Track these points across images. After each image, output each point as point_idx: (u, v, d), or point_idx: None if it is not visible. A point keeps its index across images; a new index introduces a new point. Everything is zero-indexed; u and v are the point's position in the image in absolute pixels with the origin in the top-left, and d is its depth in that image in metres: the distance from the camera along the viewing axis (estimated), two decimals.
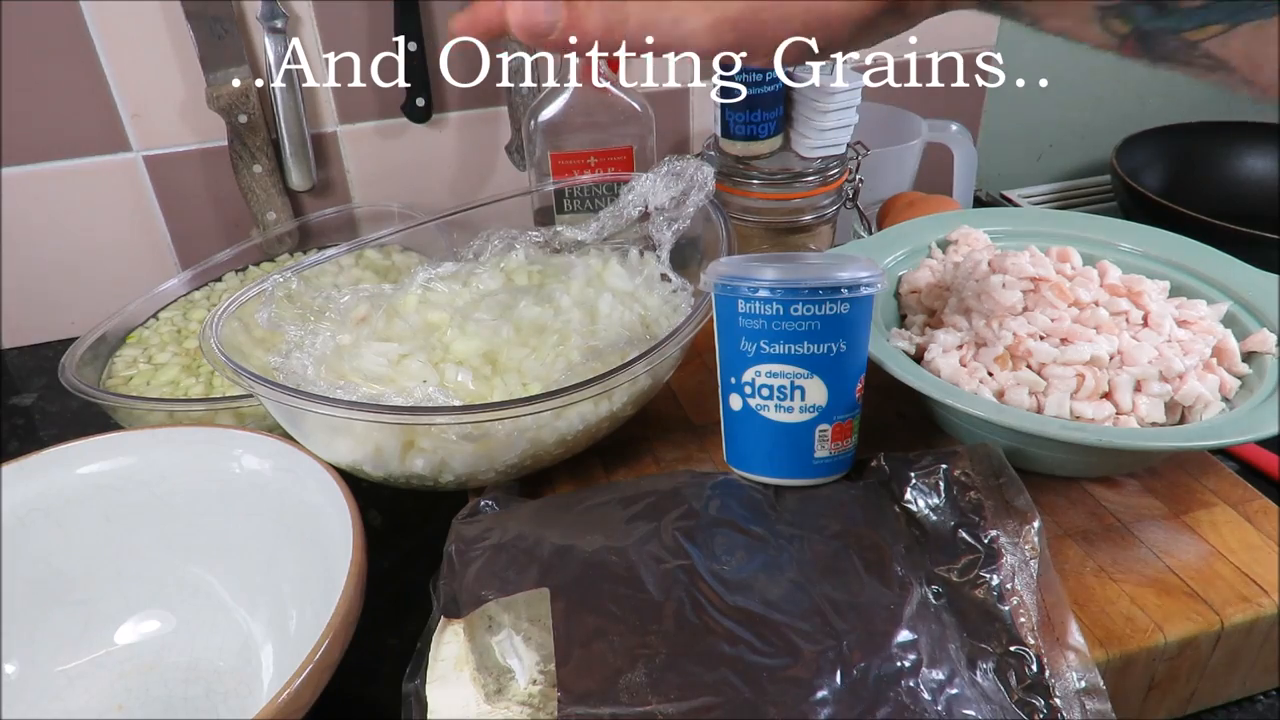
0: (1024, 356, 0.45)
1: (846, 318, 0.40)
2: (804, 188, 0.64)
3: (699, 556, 0.37)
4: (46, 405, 0.71)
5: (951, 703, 0.33)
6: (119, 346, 0.66)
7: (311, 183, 0.77)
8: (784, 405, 0.41)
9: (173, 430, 0.49)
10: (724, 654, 0.34)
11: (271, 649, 0.44)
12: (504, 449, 0.46)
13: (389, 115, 0.77)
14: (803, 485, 0.43)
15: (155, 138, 0.74)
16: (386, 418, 0.42)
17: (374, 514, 0.55)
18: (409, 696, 0.36)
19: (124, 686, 0.44)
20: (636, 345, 0.50)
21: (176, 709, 0.43)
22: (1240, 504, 0.45)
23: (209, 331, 0.48)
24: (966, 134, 0.80)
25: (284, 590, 0.45)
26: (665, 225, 0.57)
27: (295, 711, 0.34)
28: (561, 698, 0.33)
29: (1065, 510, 0.45)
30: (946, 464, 0.42)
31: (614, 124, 0.64)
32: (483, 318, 0.51)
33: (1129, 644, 0.38)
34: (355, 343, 0.50)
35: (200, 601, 0.47)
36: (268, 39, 0.71)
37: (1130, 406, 0.44)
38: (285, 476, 0.46)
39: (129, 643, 0.46)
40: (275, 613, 0.45)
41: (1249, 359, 0.47)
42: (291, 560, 0.45)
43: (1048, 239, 0.55)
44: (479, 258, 0.60)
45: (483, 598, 0.37)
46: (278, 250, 0.77)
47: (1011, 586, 0.38)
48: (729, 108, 0.63)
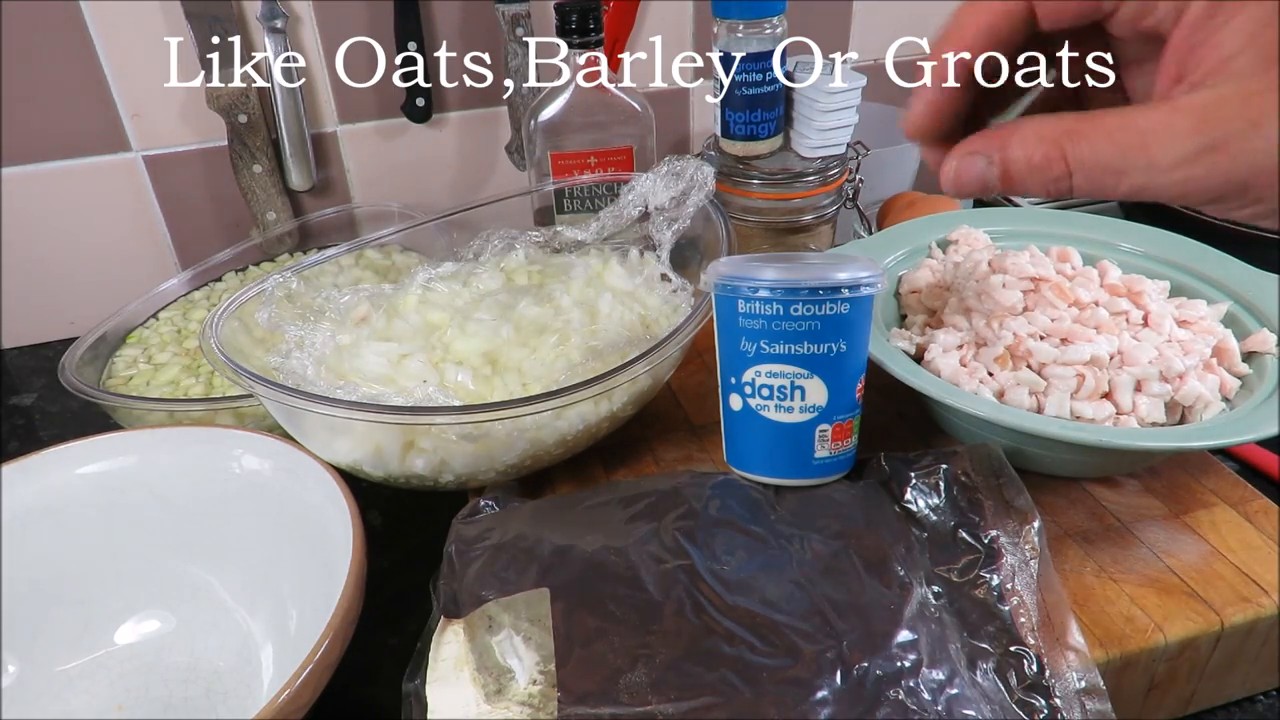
0: (1024, 356, 0.45)
1: (846, 318, 0.40)
2: (804, 188, 0.64)
3: (699, 556, 0.37)
4: (46, 405, 0.71)
5: (951, 703, 0.33)
6: (119, 346, 0.66)
7: (311, 183, 0.77)
8: (784, 405, 0.41)
9: (173, 430, 0.49)
10: (724, 654, 0.34)
11: (271, 649, 0.44)
12: (504, 449, 0.46)
13: (389, 115, 0.78)
14: (803, 485, 0.43)
15: (155, 138, 0.74)
16: (386, 418, 0.42)
17: (374, 514, 0.55)
18: (409, 696, 0.36)
19: (124, 686, 0.44)
20: (636, 345, 0.50)
21: (176, 709, 0.43)
22: (1240, 504, 0.45)
23: (209, 331, 0.48)
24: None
25: (284, 590, 0.45)
26: (665, 225, 0.57)
27: (295, 711, 0.34)
28: (561, 698, 0.33)
29: (1065, 510, 0.45)
30: (946, 464, 0.42)
31: (614, 124, 0.64)
32: (483, 318, 0.51)
33: (1129, 644, 0.38)
34: (355, 343, 0.50)
35: (200, 601, 0.47)
36: (268, 39, 0.71)
37: (1130, 406, 0.44)
38: (285, 476, 0.46)
39: (129, 643, 0.46)
40: (275, 613, 0.45)
41: (1249, 359, 0.47)
42: (291, 560, 0.45)
43: (1048, 239, 0.55)
44: (479, 258, 0.60)
45: (483, 598, 0.37)
46: (278, 250, 0.77)
47: (1011, 586, 0.38)
48: (729, 107, 0.63)
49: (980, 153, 0.31)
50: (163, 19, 0.69)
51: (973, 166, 0.31)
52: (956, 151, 0.32)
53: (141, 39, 0.69)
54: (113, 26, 0.69)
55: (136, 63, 0.70)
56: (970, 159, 0.31)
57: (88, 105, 0.71)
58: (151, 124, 0.73)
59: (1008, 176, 0.30)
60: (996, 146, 0.31)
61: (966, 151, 0.32)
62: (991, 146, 0.31)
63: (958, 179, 0.32)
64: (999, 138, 0.31)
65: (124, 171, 0.74)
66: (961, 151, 0.32)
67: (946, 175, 0.33)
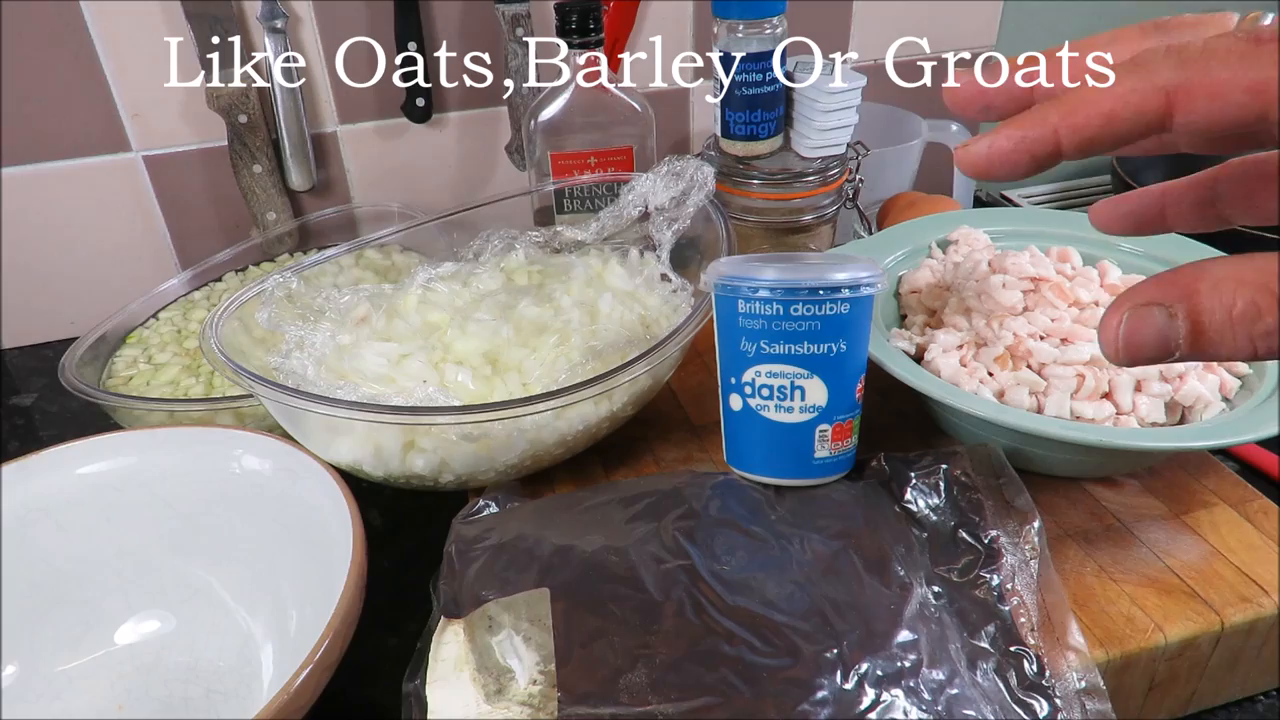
0: (1024, 356, 0.45)
1: (846, 318, 0.40)
2: (804, 188, 0.64)
3: (699, 556, 0.37)
4: (46, 405, 0.71)
5: (951, 703, 0.33)
6: (119, 346, 0.66)
7: (311, 183, 0.77)
8: (784, 405, 0.41)
9: (173, 430, 0.49)
10: (724, 654, 0.34)
11: (271, 649, 0.44)
12: (504, 449, 0.46)
13: (389, 115, 0.78)
14: (803, 485, 0.43)
15: (155, 138, 0.74)
16: (387, 418, 0.42)
17: (374, 514, 0.55)
18: (409, 696, 0.36)
19: (124, 686, 0.44)
20: (636, 345, 0.50)
21: (176, 709, 0.43)
22: (1240, 504, 0.45)
23: (209, 331, 0.48)
24: (966, 134, 0.80)
25: (284, 590, 0.45)
26: (665, 225, 0.57)
27: (295, 711, 0.34)
28: (561, 698, 0.33)
29: (1065, 510, 0.45)
30: (946, 464, 0.42)
31: (614, 124, 0.64)
32: (483, 318, 0.51)
33: (1129, 644, 0.38)
34: (355, 343, 0.50)
35: (200, 601, 0.47)
36: (268, 39, 0.71)
37: (1130, 406, 0.44)
38: (285, 476, 0.46)
39: (129, 643, 0.46)
40: (275, 613, 0.45)
41: None
42: (291, 560, 0.45)
43: (1048, 239, 0.55)
44: (479, 258, 0.60)
45: (483, 598, 0.37)
46: (278, 250, 0.77)
47: (1011, 586, 0.38)
48: (729, 108, 0.63)
49: (1158, 304, 0.25)
50: (163, 19, 0.69)
51: (1150, 323, 0.25)
52: (1123, 304, 0.25)
53: (141, 39, 0.69)
54: (113, 26, 0.69)
55: (136, 63, 0.70)
56: (1145, 313, 0.25)
57: (88, 105, 0.71)
58: (151, 124, 0.73)
59: (1199, 332, 0.24)
60: (1180, 295, 0.24)
61: (1139, 303, 0.25)
62: (1173, 296, 0.24)
63: (1129, 340, 0.25)
64: (1179, 284, 0.24)
65: (124, 171, 0.74)
66: (1132, 303, 0.25)
67: (1111, 334, 0.26)
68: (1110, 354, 0.26)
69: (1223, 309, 0.23)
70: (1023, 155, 0.27)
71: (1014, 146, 0.27)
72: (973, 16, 0.89)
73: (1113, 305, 0.26)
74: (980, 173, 0.28)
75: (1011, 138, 0.27)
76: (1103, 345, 0.26)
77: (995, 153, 0.27)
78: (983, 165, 0.28)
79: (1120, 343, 0.25)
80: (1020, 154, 0.27)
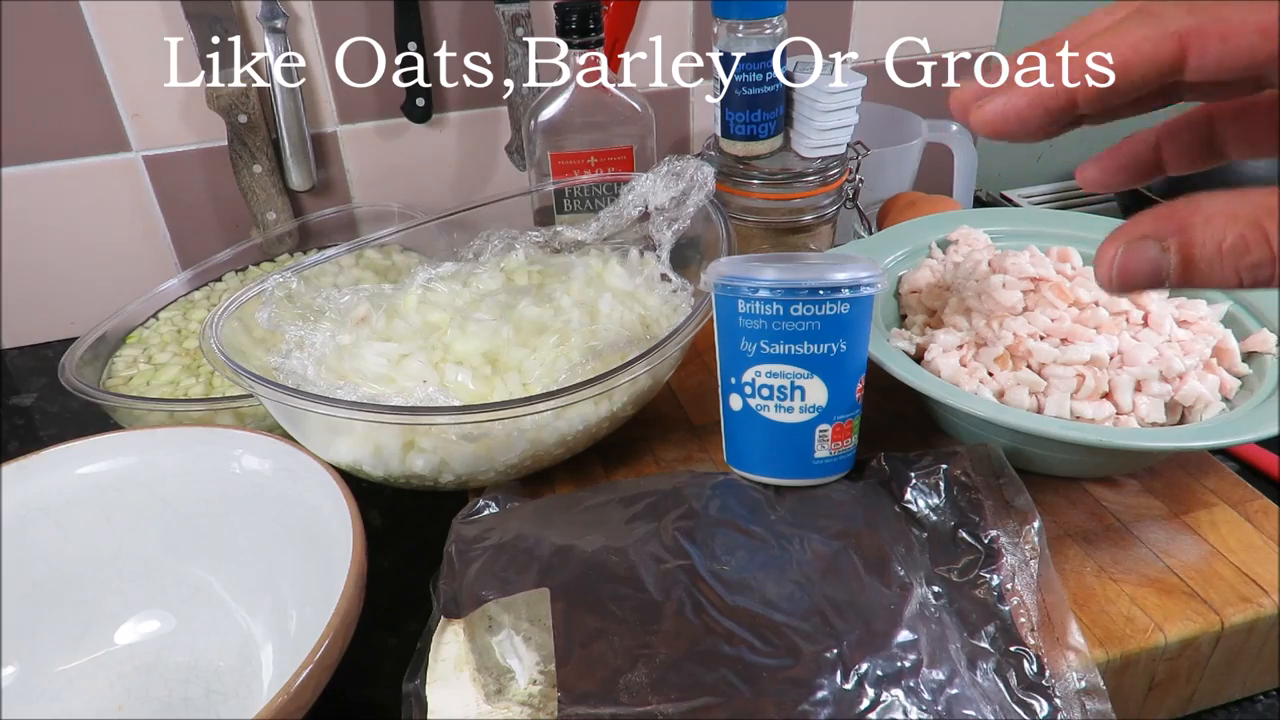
0: (1024, 356, 0.45)
1: (846, 318, 0.40)
2: (804, 188, 0.64)
3: (699, 556, 0.37)
4: (46, 405, 0.71)
5: (951, 703, 0.33)
6: (119, 346, 0.66)
7: (311, 183, 0.77)
8: (784, 405, 0.41)
9: (173, 430, 0.49)
10: (724, 654, 0.34)
11: (271, 649, 0.44)
12: (504, 449, 0.46)
13: (389, 115, 0.78)
14: (803, 485, 0.43)
15: (155, 138, 0.74)
16: (386, 418, 0.42)
17: (374, 514, 0.55)
18: (409, 696, 0.36)
19: (124, 686, 0.44)
20: (636, 345, 0.50)
21: (176, 709, 0.43)
22: (1240, 504, 0.45)
23: (209, 331, 0.48)
24: (966, 134, 0.80)
25: (284, 590, 0.45)
26: (665, 225, 0.57)
27: (295, 711, 0.34)
28: (561, 698, 0.33)
29: (1065, 510, 0.45)
30: (946, 464, 0.42)
31: (614, 124, 0.64)
32: (483, 318, 0.51)
33: (1129, 644, 0.38)
34: (355, 343, 0.50)
35: (200, 601, 0.47)
36: (268, 39, 0.71)
37: (1130, 406, 0.44)
38: (285, 476, 0.46)
39: (129, 643, 0.46)
40: (275, 613, 0.45)
41: (1249, 359, 0.47)
42: (291, 560, 0.45)
43: (1048, 239, 0.55)
44: (479, 258, 0.60)
45: (483, 598, 0.37)
46: (278, 250, 0.77)
47: (1011, 586, 0.38)
48: (729, 108, 0.63)
49: (1152, 237, 0.26)
50: (163, 19, 0.69)
51: (1143, 254, 0.26)
52: (1119, 237, 0.27)
53: (141, 39, 0.69)
54: (113, 26, 0.69)
55: (136, 63, 0.70)
56: (1139, 245, 0.26)
57: (88, 105, 0.71)
58: (151, 124, 0.73)
59: (1189, 264, 0.25)
60: (1173, 230, 0.25)
61: (1135, 237, 0.26)
62: (1166, 229, 0.25)
63: (1123, 271, 0.26)
64: (1174, 219, 0.25)
65: (124, 171, 0.74)
66: (1127, 237, 0.26)
67: (1106, 266, 0.27)
68: (1104, 284, 0.27)
69: (1213, 242, 0.25)
70: (1038, 110, 0.27)
71: (1028, 102, 0.27)
72: (973, 16, 0.89)
73: (1110, 237, 0.27)
74: (996, 131, 0.28)
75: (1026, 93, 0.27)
76: (1098, 275, 0.28)
77: (1010, 109, 0.28)
78: (999, 123, 0.28)
79: (1115, 273, 0.27)
80: (1035, 109, 0.27)
